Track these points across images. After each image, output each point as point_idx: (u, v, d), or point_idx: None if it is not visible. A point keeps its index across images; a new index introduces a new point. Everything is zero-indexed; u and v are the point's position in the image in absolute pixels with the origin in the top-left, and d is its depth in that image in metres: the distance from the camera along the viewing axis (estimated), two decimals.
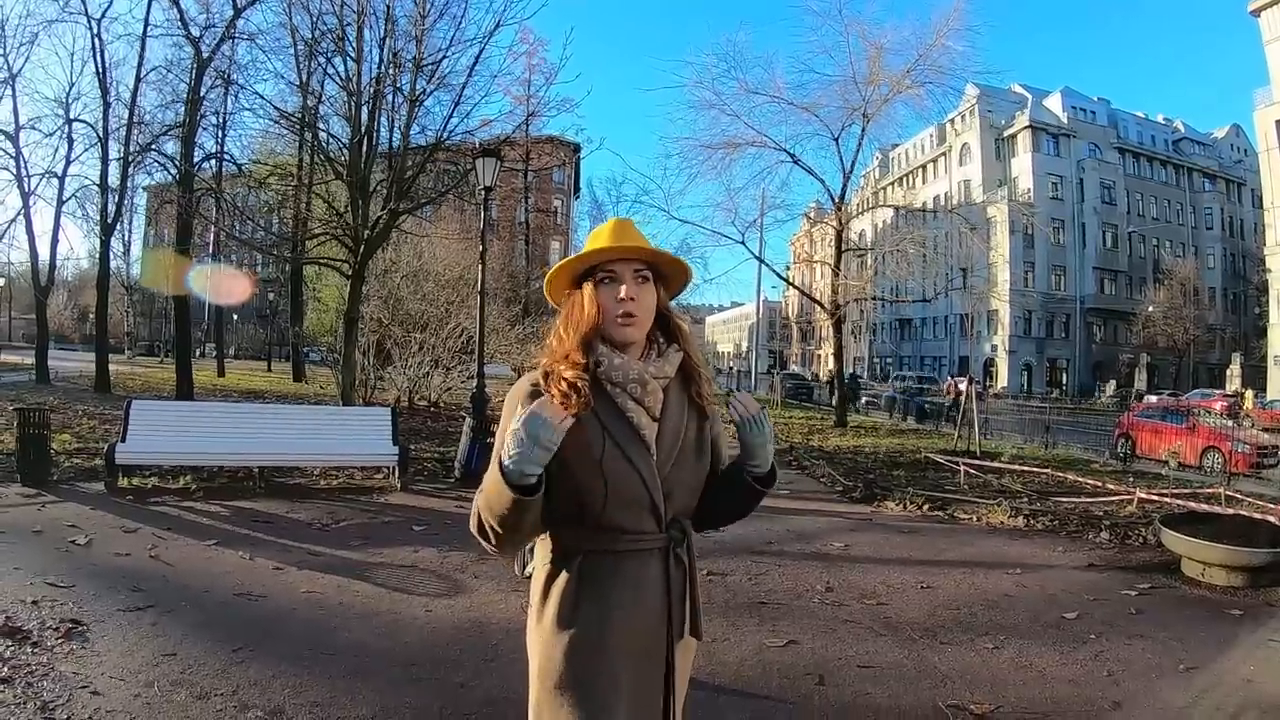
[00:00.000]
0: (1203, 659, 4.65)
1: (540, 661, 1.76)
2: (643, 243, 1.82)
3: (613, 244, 1.78)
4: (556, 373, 1.74)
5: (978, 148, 64.11)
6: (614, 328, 1.78)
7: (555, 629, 1.73)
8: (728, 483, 1.90)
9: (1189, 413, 17.72)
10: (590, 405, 1.71)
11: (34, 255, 25.32)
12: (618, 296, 1.76)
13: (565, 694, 1.70)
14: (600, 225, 1.89)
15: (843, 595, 5.91)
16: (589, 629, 1.71)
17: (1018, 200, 55.49)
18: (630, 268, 1.78)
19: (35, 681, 3.73)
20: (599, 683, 1.69)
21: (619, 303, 1.76)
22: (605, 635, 1.70)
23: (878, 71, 21.92)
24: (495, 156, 12.25)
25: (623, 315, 1.76)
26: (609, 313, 1.77)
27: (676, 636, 1.78)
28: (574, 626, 1.71)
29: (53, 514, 7.33)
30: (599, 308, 1.77)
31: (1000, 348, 60.33)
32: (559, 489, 1.70)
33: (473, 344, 15.04)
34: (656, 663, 1.75)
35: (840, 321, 23.79)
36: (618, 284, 1.77)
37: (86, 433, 12.51)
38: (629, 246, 1.78)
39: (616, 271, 1.78)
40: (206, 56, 18.90)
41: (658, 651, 1.76)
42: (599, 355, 1.76)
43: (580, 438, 1.69)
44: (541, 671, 1.75)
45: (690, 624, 1.82)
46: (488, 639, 4.65)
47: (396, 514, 8.24)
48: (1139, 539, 7.98)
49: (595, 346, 1.77)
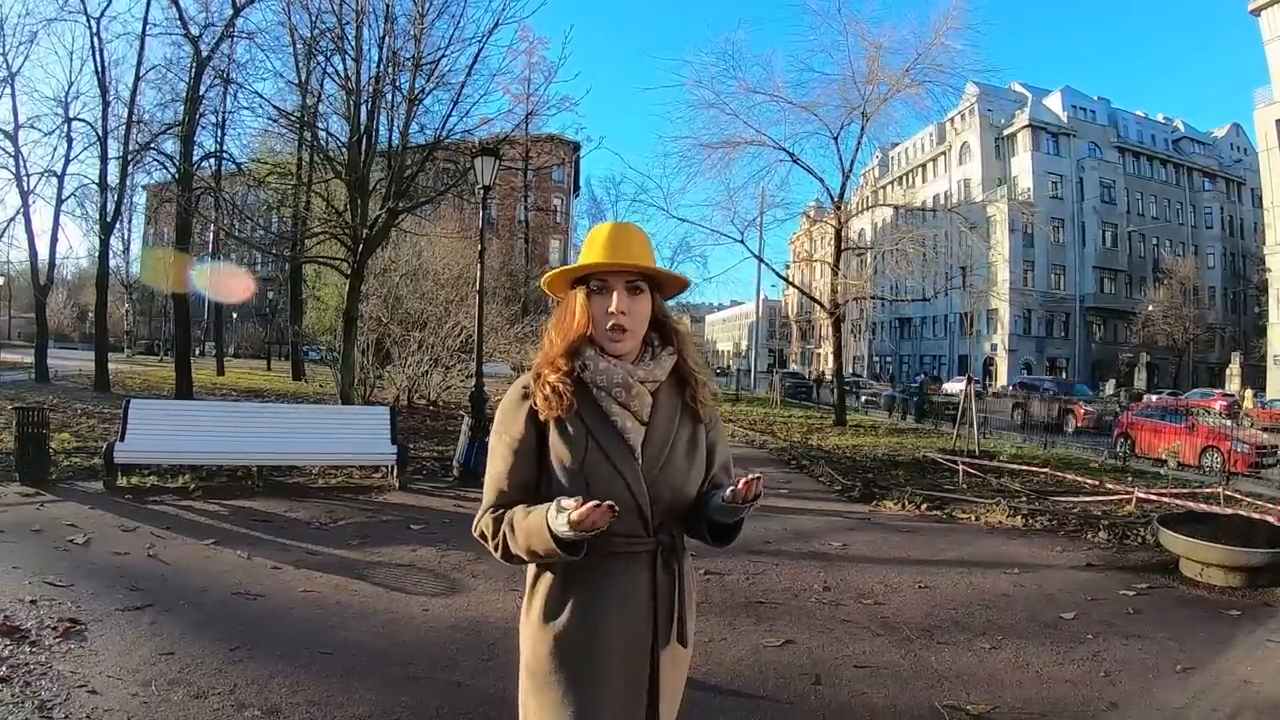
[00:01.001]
0: (1200, 659, 4.65)
1: (528, 656, 1.78)
2: (640, 251, 1.80)
3: (606, 257, 1.76)
4: (543, 377, 1.76)
5: (977, 147, 64.12)
6: (604, 339, 1.78)
7: (541, 624, 1.75)
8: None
9: (1188, 412, 17.72)
10: (574, 408, 1.72)
11: (33, 254, 25.38)
12: (608, 309, 1.75)
13: (551, 689, 1.71)
14: (598, 226, 1.87)
15: (840, 595, 5.91)
16: (575, 625, 1.72)
17: (1017, 199, 55.53)
18: (624, 278, 1.77)
19: (33, 680, 3.73)
20: (584, 679, 1.70)
21: (609, 315, 1.75)
22: (591, 633, 1.71)
23: (877, 70, 21.97)
24: (494, 155, 12.24)
25: (612, 329, 1.76)
26: (599, 324, 1.77)
27: (662, 642, 1.77)
28: (560, 623, 1.73)
29: (51, 513, 7.33)
30: (589, 318, 1.77)
31: (1000, 347, 60.31)
32: (546, 491, 1.71)
33: (472, 343, 15.03)
34: (641, 669, 1.75)
35: (840, 320, 23.83)
36: (609, 295, 1.76)
37: (85, 432, 12.52)
38: (621, 265, 1.76)
39: (609, 281, 1.77)
40: (206, 55, 18.87)
41: (642, 658, 1.75)
42: (585, 359, 1.77)
43: (564, 440, 1.71)
44: (529, 666, 1.77)
45: (677, 630, 1.81)
46: (485, 638, 4.65)
47: (395, 513, 8.24)
48: (1137, 539, 7.98)
49: (582, 351, 1.78)
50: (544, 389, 1.73)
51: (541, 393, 1.73)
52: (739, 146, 23.27)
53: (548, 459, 1.72)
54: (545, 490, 1.73)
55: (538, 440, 1.75)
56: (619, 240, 1.79)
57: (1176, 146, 67.66)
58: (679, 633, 1.81)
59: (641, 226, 1.90)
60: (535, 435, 1.75)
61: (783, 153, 23.29)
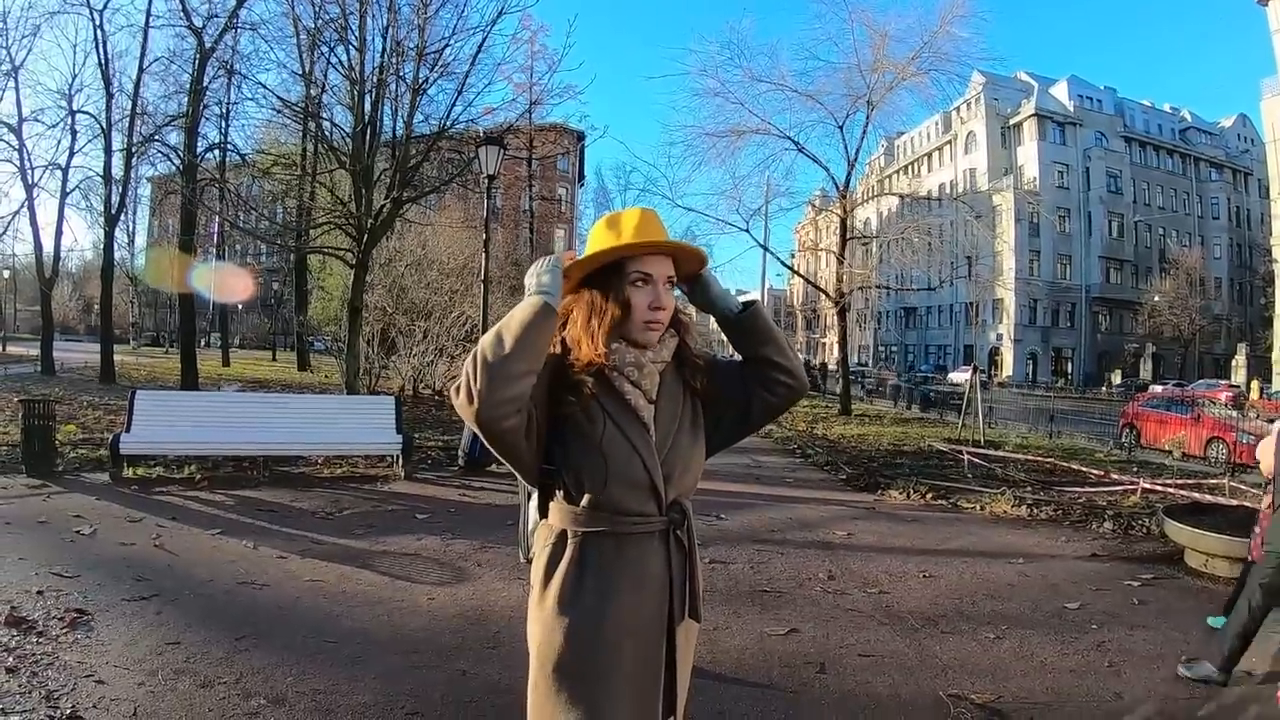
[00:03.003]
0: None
1: (540, 644, 1.76)
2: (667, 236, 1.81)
3: (644, 239, 1.75)
4: (578, 365, 1.75)
5: (983, 136, 63.95)
6: (639, 331, 1.77)
7: (556, 611, 1.73)
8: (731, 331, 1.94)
9: (1194, 403, 17.68)
10: (593, 390, 1.73)
11: (38, 247, 25.44)
12: (652, 304, 1.76)
13: (564, 676, 1.70)
14: (622, 211, 1.84)
15: (845, 584, 5.92)
16: (589, 612, 1.71)
17: (1023, 189, 55.36)
18: (665, 272, 1.78)
19: (40, 671, 3.74)
20: (598, 666, 1.70)
21: (652, 310, 1.76)
22: (605, 618, 1.71)
23: (882, 59, 21.92)
24: (498, 145, 12.24)
25: (653, 323, 1.77)
26: (639, 315, 1.76)
27: (677, 619, 1.78)
28: (574, 609, 1.72)
29: (58, 504, 7.35)
30: (631, 308, 1.76)
31: (1005, 336, 60.25)
32: (560, 470, 1.73)
33: (477, 332, 15.03)
34: (657, 645, 1.76)
35: (845, 310, 23.78)
36: (652, 289, 1.77)
37: (91, 423, 12.53)
38: (678, 246, 1.80)
39: (652, 276, 1.76)
40: (209, 47, 18.87)
41: (658, 634, 1.76)
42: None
43: (580, 418, 1.71)
44: (541, 654, 1.76)
45: (690, 606, 1.82)
46: (490, 627, 4.66)
47: (400, 502, 8.25)
48: (1142, 529, 7.96)
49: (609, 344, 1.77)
50: (586, 387, 1.73)
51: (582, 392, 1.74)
52: (744, 135, 23.27)
53: (561, 435, 1.73)
54: (560, 462, 1.73)
55: (549, 384, 1.73)
56: (651, 224, 1.78)
57: (1183, 136, 67.40)
58: (693, 609, 1.83)
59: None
60: (547, 382, 1.73)
61: (788, 142, 23.31)
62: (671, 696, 1.80)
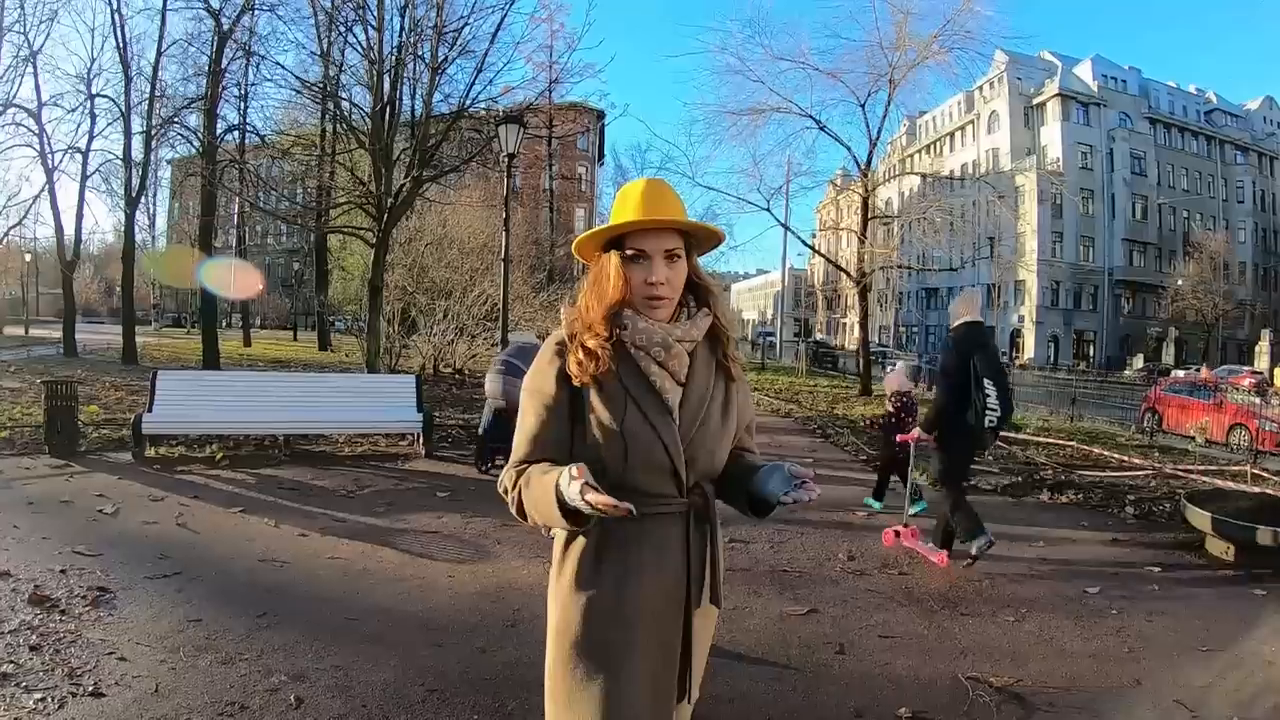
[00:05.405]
0: (1224, 638, 4.60)
1: (558, 621, 1.76)
2: (674, 208, 1.76)
3: (642, 215, 1.72)
4: (578, 338, 1.74)
5: (1006, 115, 63.12)
6: (642, 307, 1.75)
7: (574, 589, 1.73)
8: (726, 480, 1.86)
9: (1216, 388, 17.49)
10: (612, 369, 1.70)
11: (59, 230, 25.71)
12: (647, 279, 1.72)
13: (581, 654, 1.71)
14: (630, 183, 1.82)
15: (865, 564, 5.92)
16: (608, 591, 1.71)
17: (1046, 169, 54.60)
18: (662, 246, 1.72)
19: (63, 648, 3.79)
20: (615, 644, 1.70)
21: (648, 285, 1.72)
22: (624, 597, 1.71)
23: (905, 37, 21.60)
24: (518, 123, 12.19)
25: (652, 298, 1.73)
26: (638, 292, 1.74)
27: (695, 603, 1.77)
28: (593, 588, 1.72)
29: (81, 484, 7.43)
30: (626, 284, 1.73)
31: (1027, 318, 59.68)
32: (581, 451, 1.70)
33: (497, 311, 15.05)
34: (674, 628, 1.75)
35: (866, 289, 23.58)
36: (647, 264, 1.73)
37: (114, 404, 12.64)
38: (658, 221, 1.72)
39: (647, 251, 1.72)
40: (227, 29, 18.92)
41: (676, 617, 1.75)
42: (623, 319, 1.74)
43: (602, 400, 1.69)
44: (558, 631, 1.76)
45: (710, 591, 1.81)
46: (509, 605, 4.68)
47: (420, 481, 8.30)
48: (1163, 515, 7.88)
49: (620, 314, 1.74)
50: (578, 352, 1.71)
51: (575, 356, 1.71)
52: (765, 113, 23.01)
53: (583, 419, 1.70)
54: (580, 451, 1.71)
55: (570, 399, 1.73)
56: (654, 197, 1.75)
57: (1208, 118, 66.29)
58: (712, 593, 1.82)
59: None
60: (568, 394, 1.73)
61: (809, 120, 23.03)
62: (686, 680, 1.79)
